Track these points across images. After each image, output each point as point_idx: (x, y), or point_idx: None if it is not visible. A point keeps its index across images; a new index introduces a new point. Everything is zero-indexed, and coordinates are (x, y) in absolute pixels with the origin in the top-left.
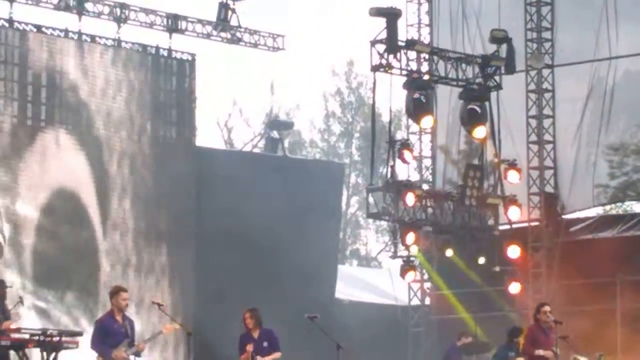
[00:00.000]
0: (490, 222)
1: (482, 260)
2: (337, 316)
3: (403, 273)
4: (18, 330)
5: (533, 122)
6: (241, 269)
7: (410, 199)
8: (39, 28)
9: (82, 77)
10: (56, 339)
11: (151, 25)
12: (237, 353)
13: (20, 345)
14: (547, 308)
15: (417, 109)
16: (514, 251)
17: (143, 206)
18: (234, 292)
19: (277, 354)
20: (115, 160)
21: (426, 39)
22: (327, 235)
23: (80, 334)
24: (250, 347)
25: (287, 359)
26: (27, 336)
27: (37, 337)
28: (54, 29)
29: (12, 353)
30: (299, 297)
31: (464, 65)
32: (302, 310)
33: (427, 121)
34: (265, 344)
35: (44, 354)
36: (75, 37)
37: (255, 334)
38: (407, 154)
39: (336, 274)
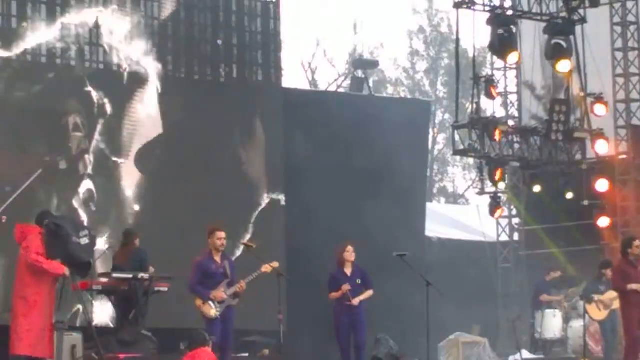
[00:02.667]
0: (578, 156)
1: (570, 195)
2: (426, 254)
3: (491, 210)
4: (109, 274)
5: (619, 55)
6: (329, 207)
7: (496, 135)
8: None
9: None
10: (147, 283)
11: None
12: (327, 291)
13: (111, 290)
14: (638, 242)
15: (502, 44)
16: (602, 185)
17: (231, 149)
18: (323, 229)
19: (371, 292)
20: (200, 101)
21: None
22: (415, 173)
23: (171, 277)
24: (347, 287)
25: (376, 296)
26: (118, 280)
27: (128, 282)
28: None
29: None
30: (388, 235)
31: None
32: (391, 249)
33: (512, 57)
34: (358, 281)
35: (136, 297)
36: None
37: (349, 271)
38: (491, 90)
39: (425, 212)
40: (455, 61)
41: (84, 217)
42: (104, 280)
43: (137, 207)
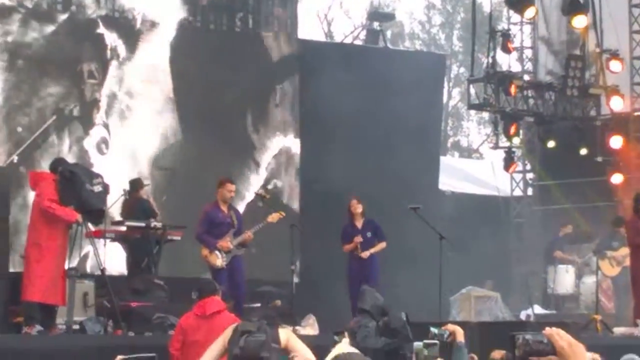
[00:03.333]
0: (592, 112)
1: (584, 151)
2: (440, 207)
3: (506, 164)
4: (122, 222)
5: (636, 12)
6: (341, 160)
7: (511, 89)
8: None
9: None
10: (160, 231)
11: None
12: (340, 243)
13: (124, 238)
14: None
15: None
16: (616, 142)
17: (249, 100)
18: (335, 183)
19: (383, 244)
20: (215, 53)
21: None
22: (429, 126)
23: (184, 226)
24: (358, 239)
25: (389, 249)
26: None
27: (141, 230)
28: None
29: None
30: (401, 188)
31: None
32: (405, 201)
33: (529, 12)
34: (368, 234)
35: (148, 245)
36: None
37: (359, 224)
38: (508, 44)
39: (439, 166)
40: (472, 15)
41: (96, 163)
42: (117, 228)
43: (150, 154)
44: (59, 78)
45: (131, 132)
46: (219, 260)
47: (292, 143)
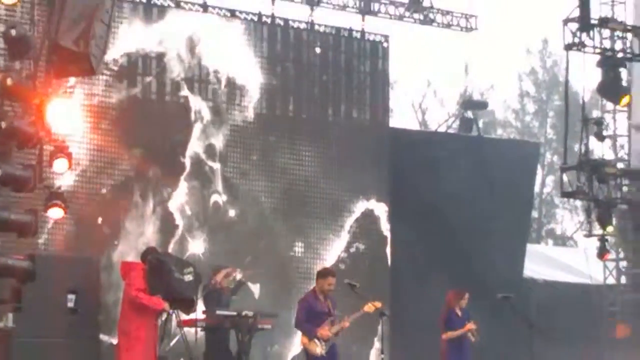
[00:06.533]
0: None
1: None
2: (531, 295)
3: (599, 253)
4: (213, 312)
5: None
6: (433, 248)
7: (603, 177)
8: (232, 13)
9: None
10: (251, 320)
11: (344, 7)
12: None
13: (215, 327)
14: None
15: (612, 87)
16: None
17: (335, 186)
18: (427, 270)
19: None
20: (307, 140)
21: (620, 17)
22: (519, 214)
23: (275, 315)
24: (471, 325)
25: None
26: (222, 317)
27: (232, 318)
28: (247, 12)
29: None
30: (488, 276)
31: None
32: (491, 289)
33: (624, 100)
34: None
35: (239, 335)
36: (269, 20)
37: (460, 313)
38: (601, 132)
39: (524, 254)
40: (565, 103)
41: (178, 221)
42: (207, 317)
43: (232, 214)
44: (143, 140)
45: (212, 190)
46: (318, 348)
47: (383, 226)
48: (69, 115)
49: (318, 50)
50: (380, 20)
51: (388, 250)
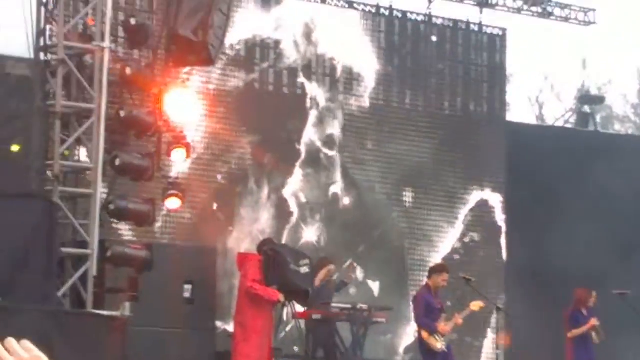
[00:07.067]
0: None
1: None
2: None
3: None
4: (328, 304)
5: None
6: (548, 244)
7: None
8: (350, 4)
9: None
10: (366, 313)
11: (462, 0)
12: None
13: (329, 320)
14: None
15: None
16: None
17: (450, 176)
18: (541, 263)
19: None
20: (423, 131)
21: None
22: (637, 211)
23: (390, 308)
24: (595, 321)
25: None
26: (337, 310)
27: (347, 312)
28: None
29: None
30: (605, 273)
31: None
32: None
33: None
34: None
35: (354, 328)
36: (387, 12)
37: (586, 312)
38: None
39: None
40: None
41: (293, 208)
42: (323, 310)
43: (346, 202)
44: (258, 126)
45: (327, 177)
46: (439, 343)
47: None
48: (186, 104)
49: (434, 38)
50: (498, 13)
51: (503, 241)
